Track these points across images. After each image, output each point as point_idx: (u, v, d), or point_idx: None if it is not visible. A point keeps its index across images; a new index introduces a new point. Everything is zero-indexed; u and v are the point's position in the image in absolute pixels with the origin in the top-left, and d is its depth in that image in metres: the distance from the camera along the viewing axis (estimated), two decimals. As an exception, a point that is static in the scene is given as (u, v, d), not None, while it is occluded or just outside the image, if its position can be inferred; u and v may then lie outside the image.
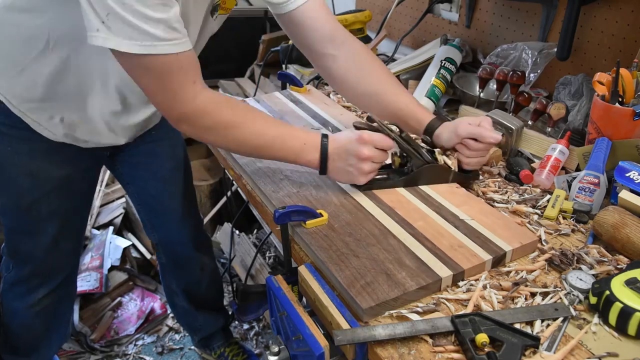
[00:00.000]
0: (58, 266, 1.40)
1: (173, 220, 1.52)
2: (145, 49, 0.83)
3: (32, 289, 1.39)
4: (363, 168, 0.98)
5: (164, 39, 0.83)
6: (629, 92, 1.08)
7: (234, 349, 1.81)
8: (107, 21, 0.80)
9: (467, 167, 1.09)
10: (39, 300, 1.40)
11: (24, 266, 1.35)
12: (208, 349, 1.83)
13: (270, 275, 0.91)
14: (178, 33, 0.86)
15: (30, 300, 1.40)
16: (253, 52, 2.42)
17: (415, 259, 0.85)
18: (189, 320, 1.78)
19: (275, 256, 2.17)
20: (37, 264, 1.35)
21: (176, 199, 1.48)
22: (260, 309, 1.08)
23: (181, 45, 0.86)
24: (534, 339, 0.72)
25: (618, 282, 0.78)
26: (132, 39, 0.81)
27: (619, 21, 1.27)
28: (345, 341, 0.71)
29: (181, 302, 1.70)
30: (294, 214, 0.91)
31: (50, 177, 1.23)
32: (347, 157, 0.98)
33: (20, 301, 1.40)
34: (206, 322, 1.76)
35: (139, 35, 0.81)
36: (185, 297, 1.68)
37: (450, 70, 1.51)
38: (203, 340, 1.81)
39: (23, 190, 1.22)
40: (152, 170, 1.42)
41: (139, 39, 0.82)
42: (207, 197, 2.44)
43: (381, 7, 2.07)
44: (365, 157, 0.97)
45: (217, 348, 1.81)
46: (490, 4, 1.61)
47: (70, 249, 1.40)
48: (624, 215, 0.92)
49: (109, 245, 2.19)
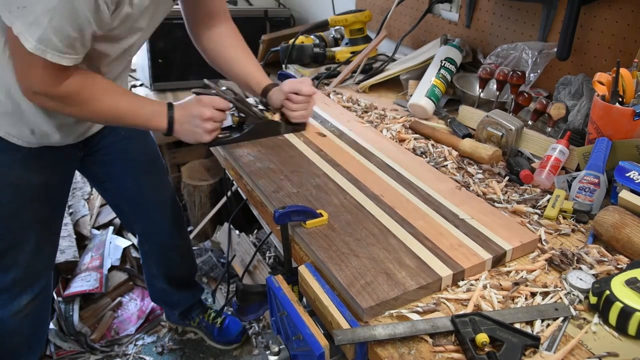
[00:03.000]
0: (40, 271, 1.41)
1: (154, 209, 1.61)
2: (39, 52, 0.93)
3: (16, 296, 1.38)
4: (206, 127, 1.15)
5: (60, 51, 0.95)
6: (629, 92, 1.08)
7: (210, 313, 1.98)
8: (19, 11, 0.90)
9: (295, 120, 1.27)
10: (23, 307, 1.40)
11: (6, 274, 1.34)
12: (187, 319, 1.97)
13: (270, 275, 0.91)
14: (75, 53, 0.98)
15: (14, 308, 1.39)
16: (253, 52, 2.42)
17: (415, 259, 0.85)
18: (167, 299, 1.91)
19: (275, 256, 2.17)
20: (20, 271, 1.35)
21: (155, 189, 1.59)
22: (260, 309, 1.08)
23: (70, 61, 0.98)
24: (534, 339, 0.72)
25: (618, 282, 0.78)
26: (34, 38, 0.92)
27: (619, 21, 1.27)
28: (345, 341, 0.71)
29: (160, 284, 1.81)
30: (294, 214, 0.91)
31: (30, 185, 1.26)
32: (192, 120, 1.14)
33: (3, 310, 1.39)
34: (184, 298, 1.90)
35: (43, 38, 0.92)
36: (165, 279, 1.79)
37: (450, 70, 1.51)
38: (183, 313, 1.95)
39: (4, 201, 1.24)
40: (128, 165, 1.50)
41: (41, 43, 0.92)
42: (207, 197, 2.44)
43: (381, 7, 2.07)
44: (207, 117, 1.14)
45: (196, 317, 1.96)
46: (490, 4, 1.61)
47: (50, 252, 1.43)
48: (624, 215, 0.92)
49: (109, 245, 2.19)
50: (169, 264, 1.77)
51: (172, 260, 1.77)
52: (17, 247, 1.31)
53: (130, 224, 1.67)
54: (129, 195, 1.56)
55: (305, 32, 1.91)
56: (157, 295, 1.91)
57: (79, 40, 0.97)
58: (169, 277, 1.80)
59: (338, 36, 2.06)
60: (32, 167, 1.24)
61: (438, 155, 1.25)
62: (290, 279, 0.91)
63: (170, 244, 1.72)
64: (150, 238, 1.70)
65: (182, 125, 1.15)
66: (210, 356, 1.96)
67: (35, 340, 1.54)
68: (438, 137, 1.32)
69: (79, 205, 2.37)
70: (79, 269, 2.09)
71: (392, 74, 1.64)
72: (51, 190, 1.33)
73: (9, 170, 1.22)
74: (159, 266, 1.77)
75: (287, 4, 2.78)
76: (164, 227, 1.66)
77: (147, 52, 2.28)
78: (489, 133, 1.26)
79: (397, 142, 1.30)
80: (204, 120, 1.14)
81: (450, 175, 1.15)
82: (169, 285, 1.81)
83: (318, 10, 2.57)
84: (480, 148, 1.21)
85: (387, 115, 1.47)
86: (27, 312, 1.42)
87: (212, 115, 1.14)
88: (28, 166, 1.24)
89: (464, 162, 1.22)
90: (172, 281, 1.81)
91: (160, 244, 1.71)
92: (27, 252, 1.33)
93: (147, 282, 1.89)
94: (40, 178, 1.27)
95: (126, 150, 1.47)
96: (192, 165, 2.55)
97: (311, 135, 1.28)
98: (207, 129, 1.15)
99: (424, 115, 1.46)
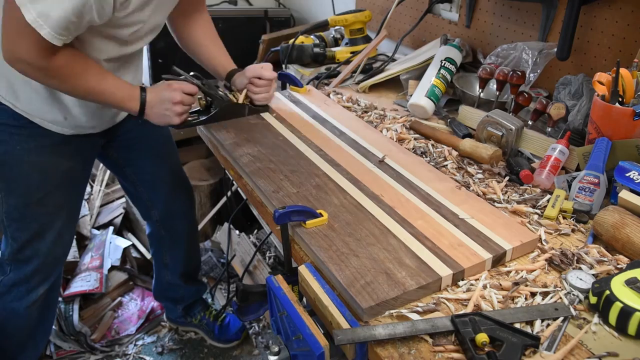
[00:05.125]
0: (59, 257, 1.45)
1: (172, 193, 1.66)
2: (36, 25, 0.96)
3: (34, 288, 1.41)
4: (176, 110, 1.21)
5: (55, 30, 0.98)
6: (629, 92, 1.08)
7: (212, 311, 1.99)
8: None
9: (258, 102, 1.38)
10: (39, 297, 1.43)
11: (26, 266, 1.37)
12: (189, 316, 1.97)
13: (270, 275, 0.91)
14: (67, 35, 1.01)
15: (31, 299, 1.42)
16: (253, 52, 2.42)
17: (415, 258, 0.85)
18: (172, 294, 1.92)
19: (275, 256, 2.17)
20: (42, 259, 1.38)
21: (172, 172, 1.65)
22: (260, 309, 1.08)
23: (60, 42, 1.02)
24: (534, 339, 0.72)
25: (618, 281, 0.78)
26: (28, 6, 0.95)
27: (619, 21, 1.27)
28: (345, 341, 0.71)
29: (168, 277, 1.84)
30: (294, 214, 0.91)
31: (57, 171, 1.32)
32: (162, 103, 1.20)
33: (20, 302, 1.41)
34: (189, 293, 1.92)
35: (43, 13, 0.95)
36: (175, 270, 1.82)
37: (450, 70, 1.51)
38: (186, 308, 1.95)
39: (33, 187, 1.29)
40: (146, 149, 1.56)
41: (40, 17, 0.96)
42: (207, 197, 2.44)
43: (381, 7, 2.07)
44: (177, 101, 1.20)
45: (198, 313, 1.97)
46: (490, 4, 1.61)
47: (69, 240, 1.48)
48: (624, 215, 0.92)
49: (109, 245, 2.19)
50: (183, 249, 1.80)
51: (187, 245, 1.81)
52: (40, 235, 1.36)
53: (147, 211, 1.70)
54: (148, 179, 1.62)
55: (305, 32, 1.91)
56: (162, 291, 1.92)
57: (75, 25, 1.01)
58: (180, 267, 1.82)
59: (338, 36, 2.06)
60: (59, 154, 1.31)
61: (438, 155, 1.25)
62: (290, 279, 0.91)
63: (186, 229, 1.77)
64: (167, 223, 1.72)
65: (152, 109, 1.21)
66: (210, 356, 1.96)
67: (41, 331, 1.56)
68: (438, 137, 1.32)
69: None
70: (79, 269, 2.09)
71: (392, 74, 1.64)
72: (75, 176, 1.39)
73: (37, 157, 1.27)
74: (173, 254, 1.80)
75: (287, 4, 2.78)
76: (181, 210, 1.71)
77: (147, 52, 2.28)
78: (489, 133, 1.26)
79: (397, 142, 1.30)
80: (174, 104, 1.20)
81: (450, 175, 1.15)
82: (177, 278, 1.83)
83: (318, 10, 2.57)
84: (481, 148, 1.21)
85: (387, 115, 1.47)
86: (40, 302, 1.45)
87: (181, 99, 1.21)
88: (56, 152, 1.30)
89: (464, 162, 1.22)
90: (182, 273, 1.83)
91: (177, 229, 1.75)
92: (49, 240, 1.37)
93: (156, 276, 1.90)
94: (67, 164, 1.33)
95: (144, 135, 1.52)
96: (192, 165, 2.55)
97: (311, 135, 1.28)
98: (176, 111, 1.21)
99: (424, 115, 1.46)
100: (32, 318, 1.47)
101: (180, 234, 1.77)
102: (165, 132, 1.62)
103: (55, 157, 1.31)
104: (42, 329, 1.55)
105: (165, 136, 1.62)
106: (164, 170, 1.62)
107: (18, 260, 1.37)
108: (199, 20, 1.42)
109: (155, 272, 1.89)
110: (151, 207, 1.69)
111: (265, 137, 1.27)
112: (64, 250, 1.47)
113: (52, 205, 1.34)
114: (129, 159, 1.57)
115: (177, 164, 1.69)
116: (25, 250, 1.36)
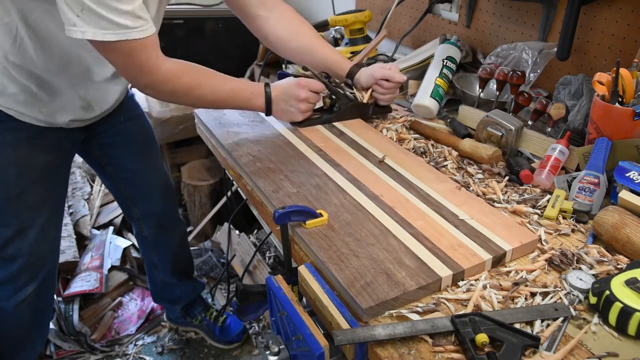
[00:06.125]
0: (45, 256, 1.43)
1: (153, 190, 1.65)
2: (117, 37, 0.96)
3: (21, 287, 1.40)
4: (301, 107, 1.22)
5: (132, 28, 0.96)
6: (629, 92, 1.08)
7: (212, 312, 2.00)
8: (82, 15, 0.93)
9: (382, 102, 1.38)
10: (27, 296, 1.41)
11: (11, 264, 1.36)
12: (189, 316, 1.96)
13: (270, 275, 0.91)
14: (143, 20, 0.99)
15: (19, 299, 1.40)
16: (253, 52, 2.43)
17: (415, 259, 0.85)
18: (169, 294, 1.90)
19: (275, 256, 2.17)
20: (26, 258, 1.36)
21: (153, 170, 1.64)
22: (260, 309, 1.08)
23: (146, 31, 1.00)
24: (534, 339, 0.72)
25: (618, 282, 0.78)
26: (104, 28, 0.94)
27: (619, 21, 1.27)
28: (345, 341, 0.71)
29: (161, 276, 1.82)
30: (294, 214, 0.91)
31: (34, 165, 1.29)
32: (288, 99, 1.21)
33: (7, 301, 1.40)
34: (185, 292, 1.92)
35: (111, 26, 0.94)
36: (165, 268, 1.80)
37: (451, 69, 1.50)
38: (184, 308, 1.94)
39: (11, 182, 1.27)
40: (128, 147, 1.55)
41: (111, 29, 0.95)
42: (207, 197, 2.45)
43: (381, 7, 2.07)
44: (303, 98, 1.21)
45: (198, 314, 1.98)
46: (490, 4, 1.61)
47: (55, 236, 1.45)
48: (624, 215, 0.92)
49: (109, 245, 2.19)
50: (169, 247, 1.79)
51: (172, 242, 1.80)
52: (23, 232, 1.33)
53: (129, 209, 1.69)
54: (129, 177, 1.60)
55: (305, 32, 1.91)
56: (159, 292, 1.91)
57: (138, 9, 0.97)
58: (169, 265, 1.81)
59: (338, 36, 2.06)
60: (36, 147, 1.28)
61: (438, 155, 1.25)
62: (290, 279, 0.91)
63: (169, 225, 1.76)
64: (149, 221, 1.72)
65: (278, 105, 1.22)
66: (211, 356, 1.96)
67: (37, 332, 1.54)
68: (438, 137, 1.32)
69: (79, 205, 2.37)
70: (79, 269, 2.09)
71: (392, 74, 1.64)
72: (54, 170, 1.36)
73: (14, 150, 1.25)
74: (159, 252, 1.79)
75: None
76: (163, 207, 1.70)
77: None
78: (488, 133, 1.26)
79: (397, 142, 1.30)
80: (300, 101, 1.21)
81: (450, 175, 1.15)
82: (170, 276, 1.82)
83: (318, 10, 2.57)
84: (480, 148, 1.21)
85: (387, 115, 1.47)
86: (30, 300, 1.43)
87: (307, 97, 1.22)
88: (32, 146, 1.27)
89: (464, 162, 1.22)
90: (173, 270, 1.82)
91: (160, 226, 1.74)
92: (32, 237, 1.35)
93: (149, 279, 1.89)
94: (44, 158, 1.31)
95: (125, 132, 1.51)
96: (192, 165, 2.56)
97: (311, 136, 1.28)
98: (301, 109, 1.23)
99: (429, 116, 1.45)
100: (24, 318, 1.45)
101: (165, 230, 1.76)
102: (148, 130, 1.61)
103: (32, 150, 1.27)
104: (38, 329, 1.54)
105: (147, 136, 1.60)
106: (145, 168, 1.61)
107: (2, 258, 1.35)
108: (287, 14, 1.36)
109: (148, 273, 1.89)
110: (133, 205, 1.68)
111: (266, 137, 1.27)
112: (50, 248, 1.44)
113: (32, 200, 1.32)
114: (110, 156, 1.55)
115: (159, 162, 1.68)
116: (8, 248, 1.33)
